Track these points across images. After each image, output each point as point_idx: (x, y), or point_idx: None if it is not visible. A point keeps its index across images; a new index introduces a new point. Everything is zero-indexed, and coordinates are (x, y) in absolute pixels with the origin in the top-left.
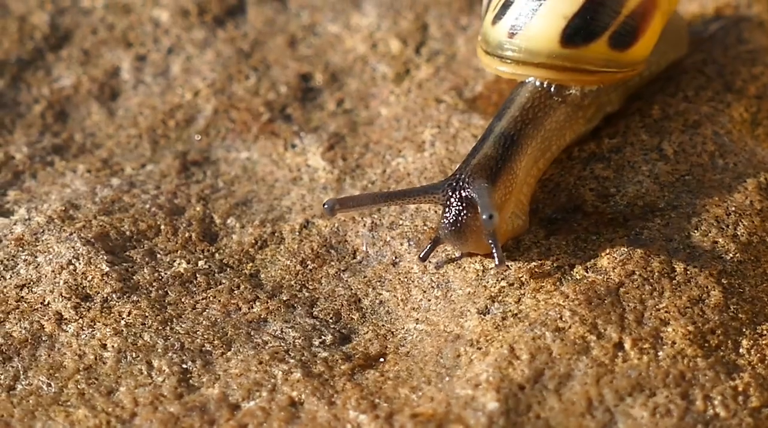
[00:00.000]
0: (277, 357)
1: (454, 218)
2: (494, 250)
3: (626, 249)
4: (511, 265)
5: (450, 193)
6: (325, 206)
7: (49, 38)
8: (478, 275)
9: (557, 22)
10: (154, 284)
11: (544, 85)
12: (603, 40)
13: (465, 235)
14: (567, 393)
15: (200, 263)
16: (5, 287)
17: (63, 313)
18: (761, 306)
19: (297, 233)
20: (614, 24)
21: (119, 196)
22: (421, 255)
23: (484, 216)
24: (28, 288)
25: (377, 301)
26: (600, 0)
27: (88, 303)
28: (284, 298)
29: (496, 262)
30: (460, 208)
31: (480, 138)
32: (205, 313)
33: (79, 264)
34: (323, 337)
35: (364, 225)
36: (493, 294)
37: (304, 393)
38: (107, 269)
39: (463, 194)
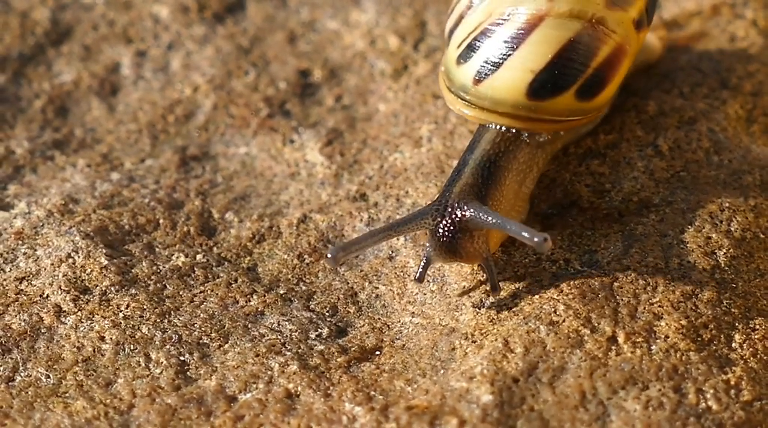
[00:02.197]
0: (273, 349)
1: (447, 242)
2: (489, 278)
3: (621, 245)
4: (507, 259)
5: (440, 219)
6: (329, 256)
7: (50, 34)
8: (473, 269)
9: (524, 75)
10: (152, 277)
11: (511, 130)
12: (570, 93)
13: (460, 257)
14: (561, 386)
15: (198, 257)
16: (5, 280)
17: (62, 306)
18: (754, 300)
19: (294, 227)
20: (582, 77)
21: (119, 190)
22: (417, 277)
23: (536, 240)
24: (27, 281)
25: (373, 295)
26: (568, 55)
27: (86, 296)
28: (281, 292)
29: (490, 289)
30: (453, 232)
31: (455, 169)
32: (202, 306)
33: (78, 257)
34: (320, 330)
35: (361, 219)
36: (488, 288)
37: (301, 385)
38: (106, 262)
39: (456, 218)
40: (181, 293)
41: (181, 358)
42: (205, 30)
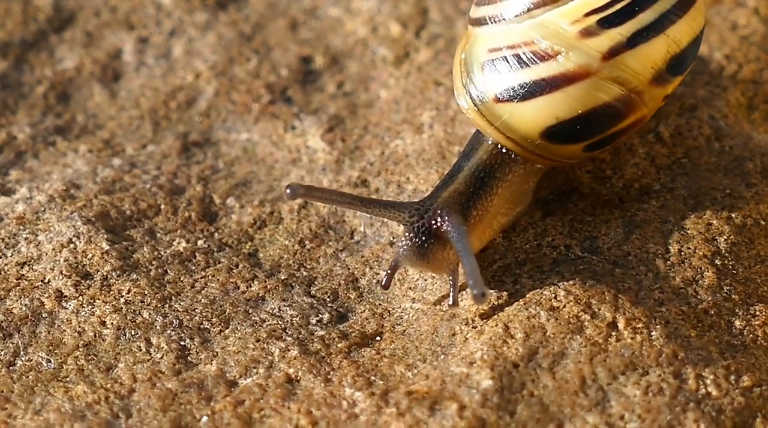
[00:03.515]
0: (274, 335)
1: (419, 244)
2: (451, 291)
3: (621, 231)
4: (507, 245)
5: (417, 219)
6: (288, 190)
7: (53, 20)
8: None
9: (548, 119)
10: (153, 262)
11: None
12: (580, 146)
13: (427, 263)
14: (560, 372)
15: (199, 242)
16: (6, 264)
17: (63, 291)
18: (754, 287)
19: (296, 213)
20: (598, 136)
21: (120, 175)
22: (383, 284)
23: (475, 292)
24: (28, 265)
25: (374, 281)
26: (596, 117)
27: (87, 281)
28: (282, 277)
29: (450, 302)
30: (428, 236)
31: (449, 173)
32: (203, 291)
33: (80, 242)
34: (320, 316)
35: None
36: (489, 273)
37: (301, 370)
38: (107, 247)
39: (434, 225)
40: (182, 278)
41: (182, 343)
42: (207, 17)
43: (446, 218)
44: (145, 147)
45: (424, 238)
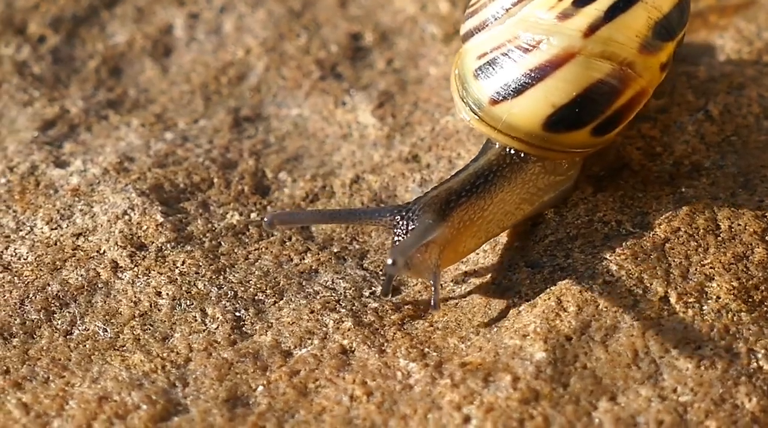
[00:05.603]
0: (328, 306)
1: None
2: (433, 291)
3: (672, 207)
4: (559, 220)
5: (398, 220)
6: (265, 220)
7: None
8: (526, 230)
9: (545, 108)
10: (207, 235)
11: (519, 153)
12: (586, 130)
13: (408, 268)
14: (613, 345)
15: (252, 215)
16: (62, 235)
17: (118, 261)
18: None
19: (347, 187)
20: (601, 117)
21: (173, 149)
22: (383, 291)
23: (388, 261)
24: (84, 237)
25: None
26: (592, 96)
27: (142, 252)
28: (335, 250)
29: (432, 304)
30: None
31: (454, 174)
32: (257, 264)
33: (134, 214)
34: (373, 288)
35: (413, 180)
36: (541, 248)
37: (355, 341)
38: (161, 219)
39: (410, 226)
40: (235, 250)
41: (237, 314)
42: None
43: (419, 217)
44: (196, 121)
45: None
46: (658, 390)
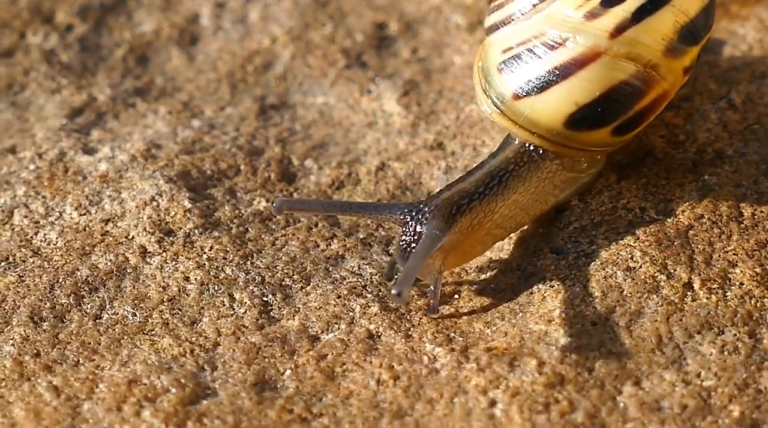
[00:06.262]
0: (354, 291)
1: (406, 245)
2: (432, 297)
3: (695, 194)
4: (583, 207)
5: (409, 219)
6: (274, 205)
7: None
8: (550, 216)
9: (568, 106)
10: (234, 221)
11: (539, 149)
12: (606, 130)
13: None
14: (638, 330)
15: None
16: (91, 221)
17: (147, 247)
18: None
19: (373, 175)
20: (623, 118)
21: (200, 136)
22: (386, 276)
23: (393, 291)
24: (112, 222)
25: None
26: (615, 96)
27: (171, 238)
28: (361, 237)
29: (430, 308)
30: (414, 238)
31: (469, 171)
32: (284, 249)
33: (162, 200)
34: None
35: (439, 167)
36: (566, 234)
37: (382, 326)
38: (189, 205)
39: (419, 229)
40: (263, 236)
41: (265, 299)
42: None
43: (428, 222)
44: (223, 109)
45: (408, 241)
46: (682, 374)
